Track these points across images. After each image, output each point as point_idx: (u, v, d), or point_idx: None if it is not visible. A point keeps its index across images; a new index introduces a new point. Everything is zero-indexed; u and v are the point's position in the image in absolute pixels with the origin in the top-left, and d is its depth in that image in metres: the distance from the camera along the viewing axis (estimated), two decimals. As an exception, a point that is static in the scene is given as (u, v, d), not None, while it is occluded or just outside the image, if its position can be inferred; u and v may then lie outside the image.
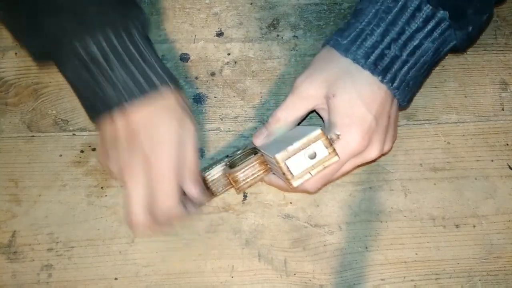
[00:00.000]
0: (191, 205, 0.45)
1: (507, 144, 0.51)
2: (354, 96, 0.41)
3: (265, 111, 0.51)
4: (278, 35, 0.54)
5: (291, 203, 0.48)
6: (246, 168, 0.43)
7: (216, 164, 0.45)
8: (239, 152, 0.46)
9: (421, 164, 0.50)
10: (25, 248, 0.47)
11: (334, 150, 0.39)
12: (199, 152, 0.50)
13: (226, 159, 0.46)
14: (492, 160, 0.50)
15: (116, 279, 0.46)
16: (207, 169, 0.45)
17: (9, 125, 0.50)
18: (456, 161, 0.50)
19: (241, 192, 0.48)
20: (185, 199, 0.44)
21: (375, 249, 0.47)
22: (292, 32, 0.54)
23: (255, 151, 0.45)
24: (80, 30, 0.40)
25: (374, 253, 0.47)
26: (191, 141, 0.43)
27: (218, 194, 0.46)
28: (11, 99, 0.51)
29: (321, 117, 0.45)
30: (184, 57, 0.53)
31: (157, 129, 0.42)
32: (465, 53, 0.53)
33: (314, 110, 0.45)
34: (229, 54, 0.53)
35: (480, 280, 0.47)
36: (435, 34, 0.42)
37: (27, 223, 0.47)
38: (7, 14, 0.43)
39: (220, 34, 0.53)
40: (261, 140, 0.44)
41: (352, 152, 0.42)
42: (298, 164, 0.38)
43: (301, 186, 0.40)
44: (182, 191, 0.43)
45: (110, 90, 0.41)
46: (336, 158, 0.39)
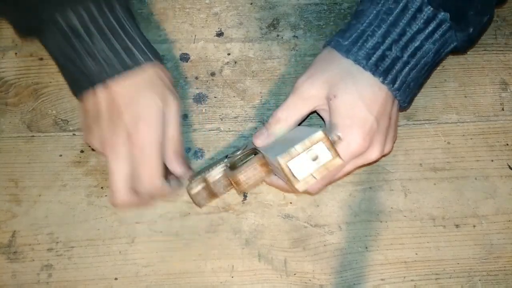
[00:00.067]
0: (175, 181, 0.45)
1: (507, 144, 0.51)
2: (356, 98, 0.41)
3: (265, 111, 0.51)
4: (278, 35, 0.54)
5: (291, 203, 0.48)
6: (247, 169, 0.43)
7: (216, 164, 0.45)
8: (239, 153, 0.46)
9: (421, 164, 0.50)
10: (25, 248, 0.47)
11: (337, 152, 0.38)
12: (199, 152, 0.50)
13: (226, 159, 0.46)
14: (492, 160, 0.50)
15: (116, 279, 0.46)
16: (207, 170, 0.45)
17: (9, 125, 0.50)
18: (456, 161, 0.50)
19: (242, 193, 0.48)
20: (169, 175, 0.44)
21: (375, 249, 0.47)
22: (292, 32, 0.54)
23: (255, 151, 0.45)
24: (61, 3, 0.41)
25: (374, 253, 0.47)
26: (174, 117, 0.43)
27: (219, 195, 0.46)
28: (11, 99, 0.51)
29: (322, 118, 0.45)
30: (184, 57, 0.53)
31: (139, 105, 0.41)
32: (465, 53, 0.53)
33: (314, 111, 0.45)
34: (229, 54, 0.53)
35: (480, 280, 0.47)
36: (436, 35, 0.42)
37: (27, 223, 0.47)
38: None
39: (220, 34, 0.53)
40: (262, 140, 0.44)
41: (353, 154, 0.42)
42: (301, 167, 0.38)
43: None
44: (165, 167, 0.43)
45: (92, 64, 0.41)
46: (340, 161, 0.38)
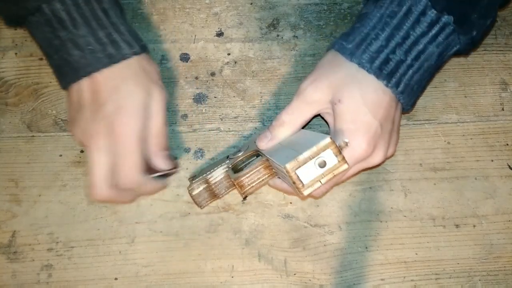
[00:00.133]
0: (160, 178, 0.44)
1: (507, 144, 0.51)
2: (360, 103, 0.41)
3: (265, 111, 0.51)
4: (278, 35, 0.54)
5: (291, 203, 0.48)
6: (251, 172, 0.43)
7: (217, 165, 0.45)
8: (240, 154, 0.45)
9: (421, 164, 0.50)
10: (25, 248, 0.47)
11: (344, 158, 0.38)
12: (199, 152, 0.50)
13: (227, 160, 0.46)
14: (492, 160, 0.50)
15: (116, 279, 0.46)
16: (208, 171, 0.45)
17: (9, 125, 0.50)
18: (456, 161, 0.50)
19: (244, 195, 0.48)
20: (152, 170, 0.44)
21: (375, 249, 0.47)
22: (292, 32, 0.54)
23: (257, 153, 0.45)
24: None
25: (374, 253, 0.47)
26: (158, 110, 0.43)
27: (220, 196, 0.46)
28: (11, 99, 0.51)
29: (325, 120, 0.45)
30: (184, 57, 0.53)
31: (122, 96, 0.41)
32: (467, 56, 0.53)
33: (318, 114, 0.45)
34: (229, 54, 0.53)
35: (480, 280, 0.47)
36: (440, 38, 0.42)
37: (27, 223, 0.47)
38: None
39: (220, 34, 0.53)
40: (265, 143, 0.44)
41: (358, 158, 0.42)
42: (308, 173, 0.38)
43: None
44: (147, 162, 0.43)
45: (77, 55, 0.41)
46: (345, 166, 0.38)
